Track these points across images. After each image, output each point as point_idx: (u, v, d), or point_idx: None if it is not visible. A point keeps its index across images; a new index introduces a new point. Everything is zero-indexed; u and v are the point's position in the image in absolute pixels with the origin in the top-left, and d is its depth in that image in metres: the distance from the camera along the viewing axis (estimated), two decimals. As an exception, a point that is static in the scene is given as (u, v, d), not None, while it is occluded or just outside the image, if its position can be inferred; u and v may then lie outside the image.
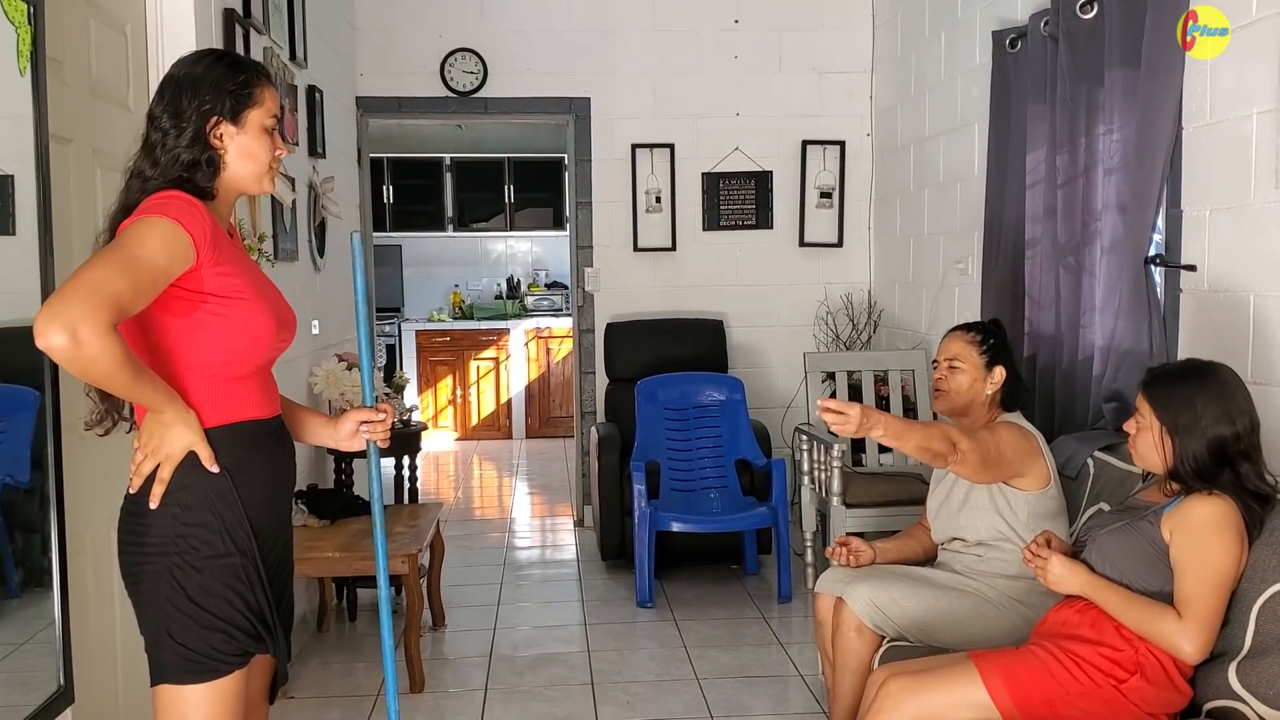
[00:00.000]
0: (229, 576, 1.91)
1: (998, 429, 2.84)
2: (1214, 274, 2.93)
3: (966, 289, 4.57)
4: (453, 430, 8.94)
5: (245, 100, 1.95)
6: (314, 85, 4.62)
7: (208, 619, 1.89)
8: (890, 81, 5.66)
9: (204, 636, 1.89)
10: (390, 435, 2.24)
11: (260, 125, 1.97)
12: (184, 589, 1.88)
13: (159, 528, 1.89)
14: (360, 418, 2.20)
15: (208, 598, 1.89)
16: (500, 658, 4.08)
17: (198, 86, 1.91)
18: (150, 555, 1.89)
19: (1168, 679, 2.24)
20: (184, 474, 1.89)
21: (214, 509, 1.90)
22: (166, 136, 1.90)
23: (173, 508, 1.88)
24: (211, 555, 1.90)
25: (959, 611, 2.81)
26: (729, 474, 5.04)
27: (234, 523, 1.92)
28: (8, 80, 2.18)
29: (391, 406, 2.28)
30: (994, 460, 2.75)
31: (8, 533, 2.38)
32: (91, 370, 1.70)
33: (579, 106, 5.85)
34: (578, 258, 5.97)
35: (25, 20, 2.17)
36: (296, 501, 4.11)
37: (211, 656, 1.90)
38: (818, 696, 3.61)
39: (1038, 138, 3.73)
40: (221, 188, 1.96)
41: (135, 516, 1.91)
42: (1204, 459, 2.24)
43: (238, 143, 1.95)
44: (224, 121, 1.93)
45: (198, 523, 1.89)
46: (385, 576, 2.26)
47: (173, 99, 1.91)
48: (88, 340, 1.64)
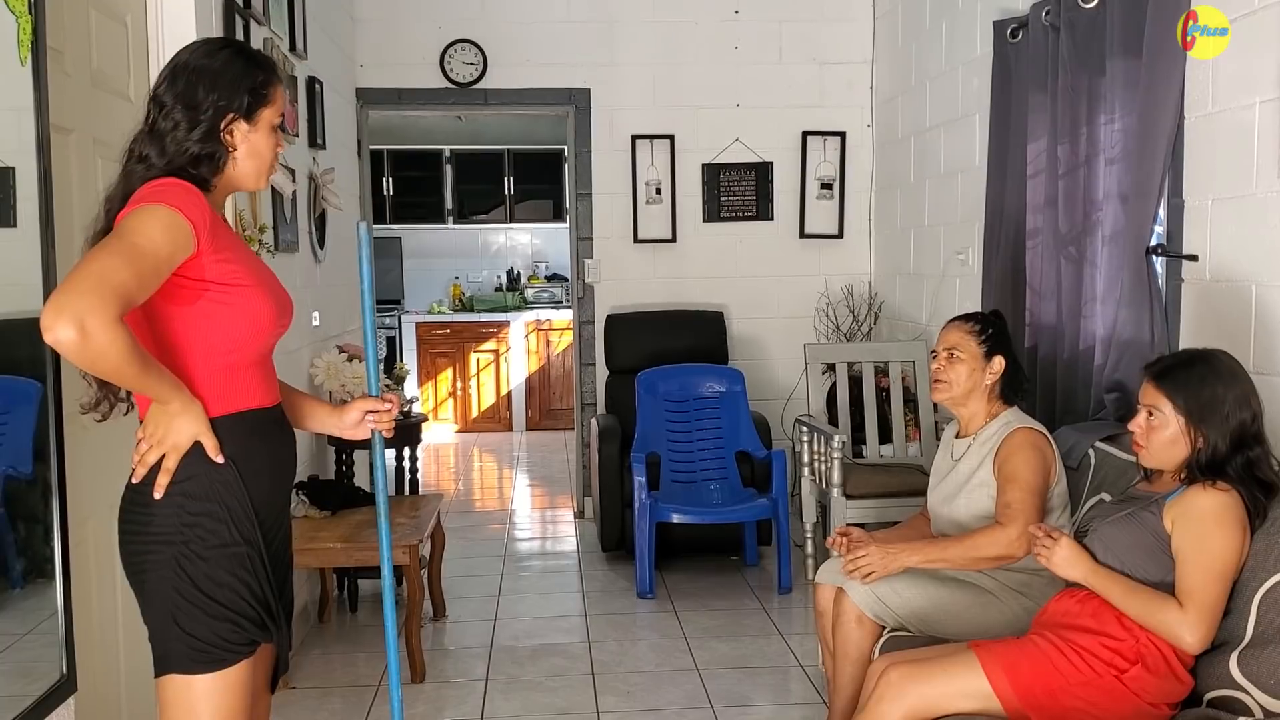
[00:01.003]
0: (236, 566, 1.91)
1: (1019, 472, 2.77)
2: (1215, 264, 2.92)
3: (967, 280, 4.57)
4: (453, 422, 8.94)
5: (262, 99, 1.94)
6: (314, 76, 4.61)
7: (216, 609, 1.89)
8: (891, 72, 5.65)
9: (212, 626, 1.88)
10: (394, 426, 2.22)
11: (270, 123, 1.96)
12: (191, 579, 1.87)
13: (164, 517, 1.88)
14: (366, 407, 2.20)
15: (215, 587, 1.89)
16: (501, 648, 4.09)
17: (216, 80, 1.89)
18: (155, 545, 1.88)
19: (1169, 669, 2.24)
20: (189, 464, 1.87)
21: (220, 498, 1.89)
22: (178, 128, 1.87)
23: (178, 497, 1.87)
24: (219, 545, 1.89)
25: (959, 602, 2.81)
26: (729, 465, 5.04)
27: (240, 512, 1.91)
28: (8, 70, 2.17)
29: (397, 396, 2.26)
30: (1040, 508, 2.75)
31: (10, 523, 2.38)
32: (99, 363, 1.69)
33: (579, 98, 5.84)
34: (578, 249, 5.97)
35: (26, 10, 2.17)
36: (298, 492, 4.11)
37: (220, 646, 1.89)
38: (818, 687, 3.62)
39: (1039, 128, 3.73)
40: (220, 183, 1.95)
41: (138, 506, 1.90)
42: (1224, 446, 2.23)
43: (249, 141, 1.93)
44: (239, 119, 1.91)
45: (204, 512, 1.88)
46: (389, 566, 2.26)
47: (188, 89, 1.88)
48: (96, 333, 1.63)
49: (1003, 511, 2.74)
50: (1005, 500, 2.75)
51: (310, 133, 4.54)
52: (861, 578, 2.80)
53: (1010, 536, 2.69)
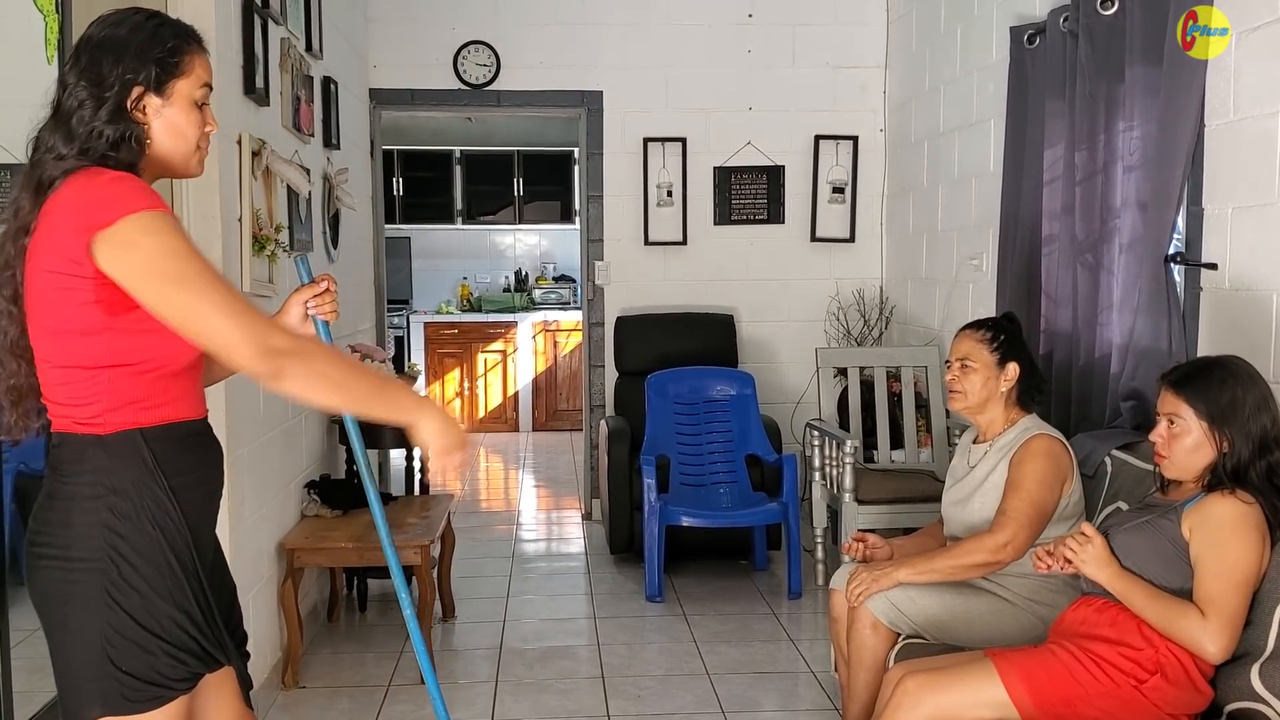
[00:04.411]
0: (175, 593, 1.73)
1: (1024, 480, 2.76)
2: (1235, 272, 2.91)
3: (981, 285, 4.56)
4: (460, 422, 8.92)
5: (172, 69, 1.72)
6: (329, 76, 4.61)
7: (154, 643, 1.71)
8: (904, 77, 5.64)
9: (150, 663, 1.71)
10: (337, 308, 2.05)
11: (189, 98, 1.75)
12: (126, 611, 1.69)
13: (86, 538, 1.69)
14: (303, 298, 2.00)
15: (152, 620, 1.71)
16: (510, 650, 4.08)
17: (120, 51, 1.68)
18: (79, 573, 1.69)
19: (1188, 679, 2.23)
20: (113, 475, 1.70)
21: (151, 517, 1.72)
22: (83, 107, 1.67)
23: (103, 513, 1.69)
24: (153, 571, 1.71)
25: (975, 610, 2.80)
26: (739, 469, 5.03)
27: (174, 533, 1.74)
28: (34, 69, 2.17)
29: (330, 276, 2.06)
30: (1040, 520, 2.74)
31: (23, 520, 2.37)
32: (330, 370, 1.68)
33: (591, 100, 5.83)
34: (588, 251, 5.96)
35: (54, 9, 2.17)
36: (309, 491, 4.11)
37: (158, 683, 1.72)
38: (829, 693, 3.61)
39: (1056, 134, 3.72)
40: (147, 168, 1.75)
41: (55, 527, 1.70)
42: (1247, 451, 2.23)
43: (163, 117, 1.73)
44: (148, 93, 1.71)
45: (135, 534, 1.70)
46: (390, 548, 2.13)
47: (90, 64, 1.68)
48: (283, 352, 1.63)
49: (997, 517, 2.76)
50: (1003, 506, 2.77)
51: (325, 133, 4.54)
52: (857, 602, 2.81)
53: (997, 542, 2.70)
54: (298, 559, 3.74)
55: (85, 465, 1.70)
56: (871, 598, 2.79)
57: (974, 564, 2.74)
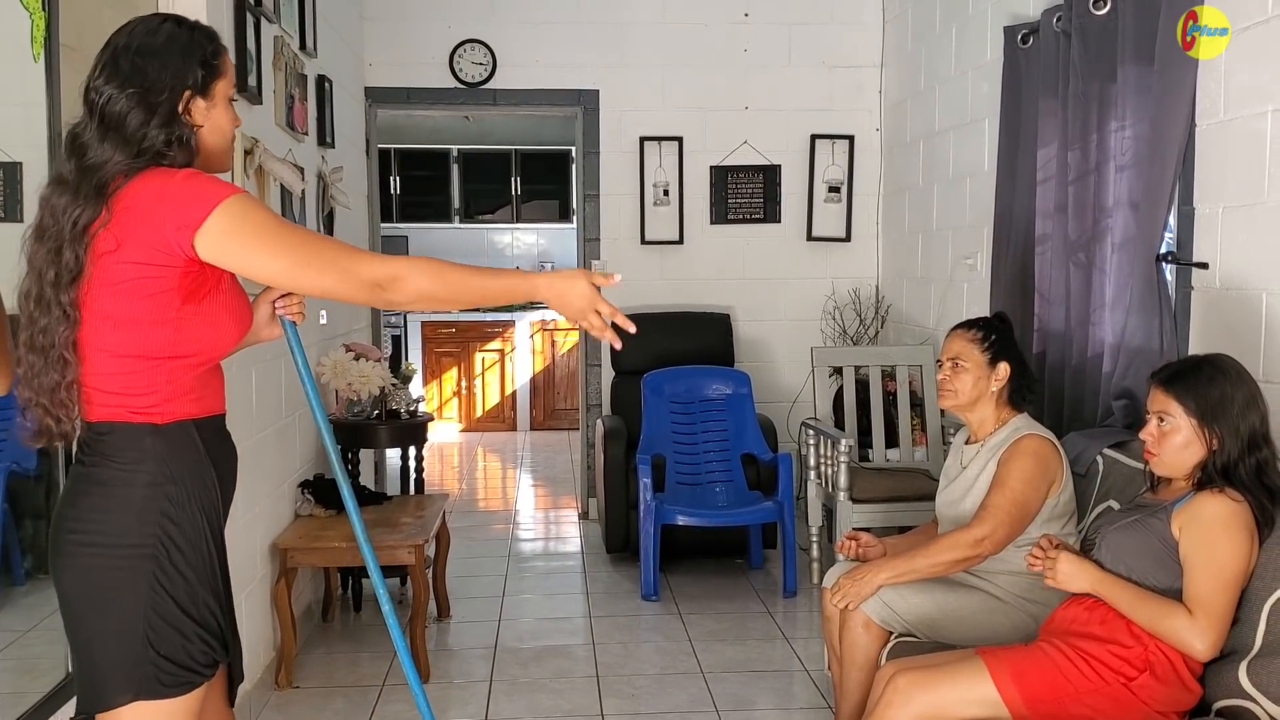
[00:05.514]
0: (210, 580, 1.79)
1: (1009, 477, 2.77)
2: (1226, 272, 2.91)
3: (975, 284, 4.56)
4: (457, 422, 8.94)
5: (215, 71, 1.79)
6: (324, 75, 4.61)
7: (191, 628, 1.76)
8: (900, 76, 5.64)
9: (186, 647, 1.75)
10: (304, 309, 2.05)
11: (226, 96, 1.82)
12: (172, 598, 1.74)
13: (143, 525, 1.72)
14: (271, 297, 2.01)
15: (192, 605, 1.76)
16: (505, 649, 4.08)
17: (165, 57, 1.73)
18: (129, 558, 1.72)
19: (1177, 677, 2.23)
20: (171, 463, 1.74)
21: (201, 505, 1.77)
22: (133, 113, 1.70)
23: (162, 501, 1.73)
24: (197, 558, 1.77)
25: (967, 608, 2.80)
26: (735, 468, 5.03)
27: (214, 521, 1.81)
28: (21, 67, 2.18)
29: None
30: (1021, 518, 2.75)
31: (15, 520, 2.38)
32: (430, 286, 1.78)
33: (588, 99, 5.84)
34: (585, 250, 5.96)
35: (40, 7, 2.17)
36: (303, 491, 4.12)
37: (190, 668, 1.76)
38: (823, 691, 3.61)
39: (1049, 134, 3.72)
40: (198, 165, 1.80)
41: (107, 514, 1.72)
42: (1237, 450, 2.23)
43: (210, 118, 1.79)
44: (196, 96, 1.76)
45: (186, 521, 1.75)
46: (366, 544, 2.11)
47: (135, 71, 1.71)
48: (381, 284, 1.73)
49: (978, 512, 2.78)
50: (985, 502, 2.79)
51: (319, 131, 4.54)
52: (842, 609, 2.82)
53: (975, 536, 2.72)
54: (291, 559, 3.74)
55: (145, 453, 1.73)
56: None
57: (952, 560, 2.75)
